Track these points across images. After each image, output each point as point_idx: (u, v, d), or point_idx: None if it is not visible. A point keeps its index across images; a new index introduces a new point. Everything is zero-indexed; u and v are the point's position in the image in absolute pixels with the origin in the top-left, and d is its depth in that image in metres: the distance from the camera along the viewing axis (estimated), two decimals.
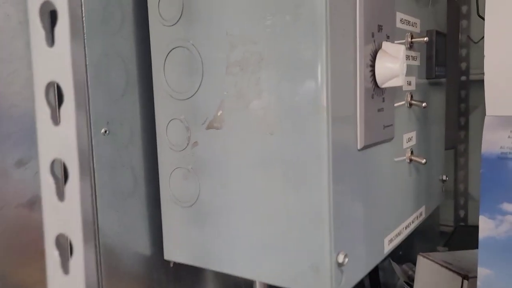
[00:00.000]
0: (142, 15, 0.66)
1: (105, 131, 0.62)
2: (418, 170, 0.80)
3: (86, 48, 0.59)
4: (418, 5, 0.77)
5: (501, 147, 0.71)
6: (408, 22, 0.73)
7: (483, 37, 0.69)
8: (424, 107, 0.74)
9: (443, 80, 0.91)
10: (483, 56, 0.72)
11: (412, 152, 0.76)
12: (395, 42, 0.66)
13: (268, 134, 0.57)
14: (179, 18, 0.62)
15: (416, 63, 0.77)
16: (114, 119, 0.63)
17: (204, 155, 0.63)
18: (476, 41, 1.50)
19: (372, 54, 0.59)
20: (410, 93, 0.75)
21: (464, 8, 1.39)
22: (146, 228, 0.69)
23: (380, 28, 0.61)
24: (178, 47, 0.62)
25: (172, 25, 0.63)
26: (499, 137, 0.71)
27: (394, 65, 0.59)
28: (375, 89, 0.61)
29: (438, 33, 0.83)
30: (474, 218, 1.43)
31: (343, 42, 0.54)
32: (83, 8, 0.59)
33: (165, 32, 0.63)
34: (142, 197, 0.68)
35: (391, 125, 0.66)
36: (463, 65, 1.40)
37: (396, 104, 0.71)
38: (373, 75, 0.60)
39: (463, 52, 1.41)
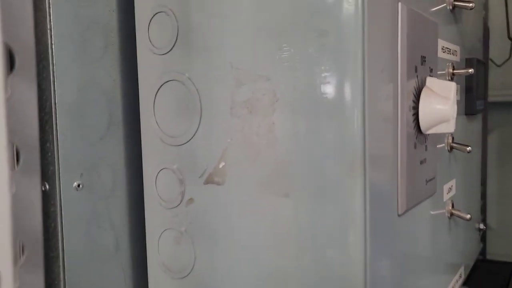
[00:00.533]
0: (130, 41, 0.54)
1: (78, 185, 0.49)
2: (457, 224, 0.67)
3: (55, 82, 0.47)
4: (458, 29, 0.65)
5: None
6: (449, 50, 0.61)
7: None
8: (469, 152, 0.61)
9: (480, 114, 0.79)
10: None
11: (453, 205, 0.63)
12: (437, 75, 0.54)
13: (282, 196, 0.44)
14: (173, 46, 0.50)
15: (457, 97, 0.65)
16: (90, 168, 0.51)
17: (201, 216, 0.50)
18: (499, 64, 1.39)
19: (415, 93, 0.47)
20: (451, 134, 0.62)
21: None
22: None
23: (423, 60, 0.49)
24: (172, 80, 0.50)
25: (164, 54, 0.50)
26: None
27: (443, 106, 0.47)
28: (418, 136, 0.48)
29: (478, 61, 0.70)
30: (493, 251, 1.32)
31: (383, 79, 0.42)
32: (52, 33, 0.47)
33: (156, 62, 0.51)
34: (124, 263, 0.55)
35: (434, 178, 0.54)
36: None
37: (438, 146, 0.59)
38: (416, 119, 0.47)
39: None
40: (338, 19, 0.39)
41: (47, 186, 0.48)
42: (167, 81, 0.51)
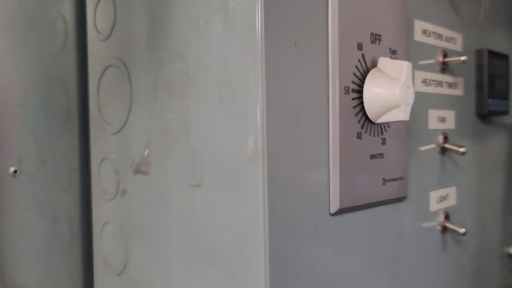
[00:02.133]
0: (82, 30, 0.53)
1: (15, 171, 0.49)
2: (462, 243, 0.57)
3: None
4: (461, 16, 0.56)
5: None
6: (439, 36, 0.52)
7: None
8: (462, 153, 0.52)
9: (507, 117, 0.67)
10: None
11: (447, 217, 0.54)
12: (404, 58, 0.46)
13: (194, 186, 0.39)
14: (112, 30, 0.48)
15: (456, 92, 0.56)
16: (31, 156, 0.50)
17: (132, 209, 0.47)
18: None
19: (359, 74, 0.40)
20: (444, 133, 0.53)
21: None
22: None
23: (376, 37, 0.42)
24: (111, 66, 0.48)
25: (106, 39, 0.49)
26: None
27: (389, 90, 0.39)
28: (366, 125, 0.41)
29: (493, 53, 0.60)
30: None
31: (296, 54, 0.36)
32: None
33: (100, 48, 0.50)
34: (73, 256, 0.53)
35: (401, 178, 0.46)
36: None
37: (422, 148, 0.51)
38: (361, 104, 0.41)
39: None
40: None
41: None
42: (108, 67, 0.49)
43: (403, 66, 0.40)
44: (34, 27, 0.51)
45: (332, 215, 0.39)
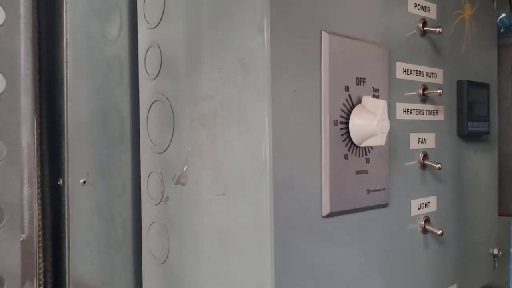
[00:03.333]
0: (134, 71, 0.68)
1: (84, 181, 0.63)
2: (443, 242, 0.68)
3: (68, 104, 0.62)
4: (442, 54, 0.68)
5: None
6: (420, 73, 0.64)
7: None
8: (439, 169, 0.64)
9: (490, 136, 0.78)
10: None
11: (427, 221, 0.65)
12: (386, 95, 0.59)
13: (220, 194, 0.53)
14: (159, 72, 0.62)
15: (437, 118, 0.68)
16: (96, 170, 0.65)
17: (174, 212, 0.60)
18: None
19: (346, 110, 0.53)
20: (423, 152, 0.65)
21: None
22: (130, 282, 0.68)
23: (360, 80, 0.55)
24: (157, 100, 0.62)
25: (153, 79, 0.63)
26: None
27: (368, 122, 0.52)
28: (352, 148, 0.54)
29: (472, 83, 0.72)
30: None
31: (295, 98, 0.49)
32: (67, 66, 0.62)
33: (149, 85, 0.64)
34: (126, 249, 0.68)
35: (383, 189, 0.58)
36: None
37: (404, 165, 0.63)
38: (348, 133, 0.53)
39: None
40: (252, 50, 0.48)
41: (61, 181, 0.63)
42: (155, 101, 0.63)
43: (379, 104, 0.52)
44: (97, 68, 0.65)
45: (324, 217, 0.52)
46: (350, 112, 0.53)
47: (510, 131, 0.84)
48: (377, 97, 0.57)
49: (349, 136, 0.53)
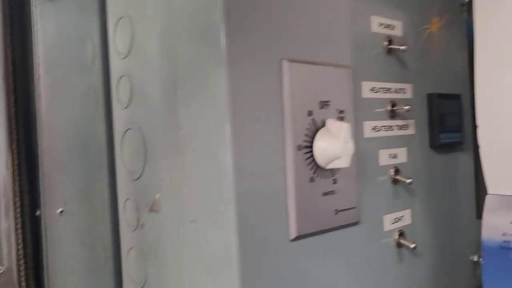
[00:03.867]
0: (108, 99, 0.69)
1: (61, 211, 0.64)
2: (419, 254, 0.69)
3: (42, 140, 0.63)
4: (410, 69, 0.69)
5: (503, 234, 0.59)
6: (387, 90, 0.66)
7: None
8: (409, 183, 0.65)
9: (464, 145, 0.79)
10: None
11: (402, 234, 0.66)
12: (350, 115, 0.60)
13: (192, 221, 0.54)
14: (130, 101, 0.63)
15: (408, 132, 0.69)
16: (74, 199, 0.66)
17: (149, 238, 0.62)
18: None
19: (310, 134, 0.54)
20: (395, 167, 0.66)
21: None
22: None
23: (324, 104, 0.56)
24: (130, 129, 0.64)
25: (126, 108, 0.64)
26: (501, 221, 0.60)
27: (331, 145, 0.53)
28: (318, 171, 0.55)
29: (442, 95, 0.73)
30: None
31: (258, 126, 0.50)
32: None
33: (121, 114, 0.65)
34: (107, 274, 0.69)
35: (353, 207, 0.59)
36: None
37: (375, 181, 0.64)
38: (313, 156, 0.54)
39: None
40: (215, 82, 0.49)
41: (38, 212, 0.64)
42: (128, 129, 0.64)
43: (342, 127, 0.54)
44: (72, 98, 0.66)
45: (291, 240, 0.53)
46: (315, 135, 0.55)
47: None
48: (342, 118, 0.58)
49: (314, 159, 0.54)
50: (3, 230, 0.61)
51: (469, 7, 0.81)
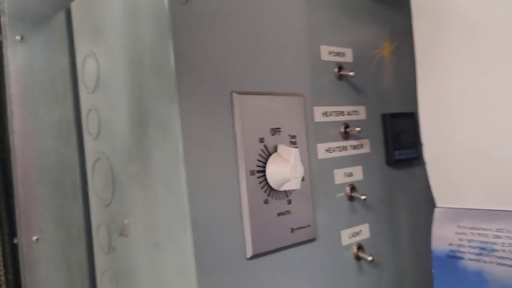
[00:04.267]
0: (79, 130, 0.73)
1: (37, 239, 0.68)
2: (379, 266, 0.74)
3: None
4: (362, 92, 0.74)
5: (449, 244, 0.64)
6: (340, 113, 0.70)
7: None
8: (364, 200, 0.69)
9: (420, 160, 0.83)
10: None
11: (360, 248, 0.71)
12: (303, 138, 0.64)
13: (155, 245, 0.58)
14: (98, 133, 0.68)
15: (363, 151, 0.73)
16: (48, 226, 0.70)
17: (120, 261, 0.66)
18: None
19: (263, 159, 0.59)
20: (350, 185, 0.70)
21: None
22: None
23: (275, 130, 0.60)
24: (99, 158, 0.68)
25: (95, 139, 0.69)
26: (447, 232, 0.64)
27: (281, 169, 0.57)
28: (272, 193, 0.59)
29: (396, 115, 0.78)
30: None
31: (211, 156, 0.54)
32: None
33: (91, 145, 0.70)
34: None
35: (308, 225, 0.63)
36: None
37: (331, 199, 0.68)
38: (266, 180, 0.59)
39: None
40: (168, 117, 0.54)
41: (16, 240, 0.68)
42: (97, 159, 0.68)
43: (291, 152, 0.58)
44: (45, 131, 0.71)
45: (248, 259, 0.57)
46: (267, 160, 0.59)
47: None
48: (294, 143, 0.62)
49: (267, 182, 0.59)
50: None
51: None
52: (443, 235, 0.65)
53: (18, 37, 0.68)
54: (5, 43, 0.67)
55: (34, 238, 0.68)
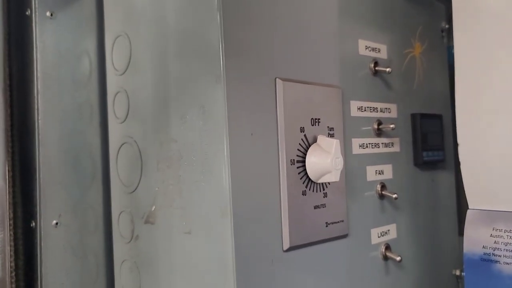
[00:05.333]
0: (104, 113, 0.71)
1: (56, 223, 0.65)
2: (404, 267, 0.72)
3: (40, 146, 0.65)
4: (395, 90, 0.73)
5: (483, 247, 0.62)
6: (374, 109, 0.69)
7: None
8: (395, 199, 0.68)
9: (446, 163, 0.83)
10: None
11: (388, 248, 0.69)
12: (341, 132, 0.63)
13: (186, 233, 0.56)
14: (126, 116, 0.65)
15: (393, 149, 0.72)
16: (68, 210, 0.67)
17: (144, 250, 0.63)
18: None
19: (303, 149, 0.57)
20: (381, 183, 0.69)
21: None
22: None
23: (315, 121, 0.59)
24: (125, 143, 0.65)
25: (122, 122, 0.66)
26: (481, 235, 0.62)
27: (322, 160, 0.56)
28: (310, 184, 0.57)
29: (425, 115, 0.77)
30: None
31: (253, 141, 0.53)
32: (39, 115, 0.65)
33: (117, 129, 0.67)
34: (99, 286, 0.69)
35: (342, 221, 0.61)
36: None
37: (363, 196, 0.67)
38: (305, 171, 0.57)
39: None
40: (211, 98, 0.52)
41: (33, 223, 0.65)
42: (123, 143, 0.66)
43: (332, 143, 0.56)
44: (68, 113, 0.68)
45: (285, 251, 0.55)
46: (307, 151, 0.57)
47: None
48: (332, 135, 0.60)
49: (306, 173, 0.57)
50: None
51: (449, 32, 0.86)
52: (477, 238, 0.63)
53: (48, 13, 0.66)
54: (34, 18, 0.65)
55: (54, 222, 0.65)
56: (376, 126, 0.69)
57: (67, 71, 0.68)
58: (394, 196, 0.67)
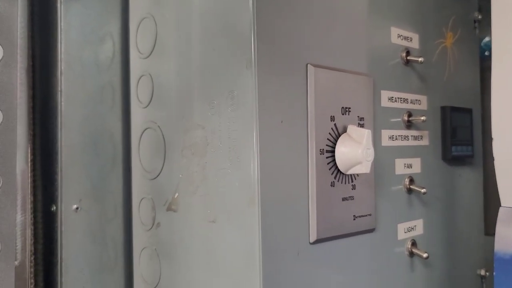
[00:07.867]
0: (126, 98, 0.69)
1: (77, 208, 0.64)
2: (430, 265, 0.70)
3: (62, 129, 0.63)
4: (425, 81, 0.70)
5: None
6: (404, 100, 0.66)
7: None
8: (424, 193, 0.65)
9: (474, 159, 0.80)
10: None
11: (414, 244, 0.67)
12: (370, 122, 0.61)
13: (211, 222, 0.54)
14: (150, 100, 0.64)
15: (422, 143, 0.70)
16: (89, 195, 0.66)
17: (165, 237, 0.62)
18: None
19: (332, 139, 0.55)
20: (409, 177, 0.67)
21: None
22: None
23: (346, 110, 0.57)
24: (149, 128, 0.64)
25: (145, 107, 0.65)
26: None
27: (353, 150, 0.54)
28: (339, 176, 0.56)
29: (455, 109, 0.74)
30: None
31: (282, 129, 0.51)
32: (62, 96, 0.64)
33: (140, 113, 0.66)
34: (118, 273, 0.68)
35: (369, 214, 0.60)
36: None
37: (391, 190, 0.64)
38: (334, 161, 0.55)
39: None
40: (241, 84, 0.50)
41: (54, 207, 0.64)
42: (146, 128, 0.64)
43: (364, 133, 0.54)
44: (90, 95, 0.67)
45: (311, 243, 0.53)
46: (336, 141, 0.55)
47: None
48: (362, 125, 0.58)
49: (335, 164, 0.55)
50: (18, 224, 0.61)
51: (481, 24, 0.83)
52: (509, 237, 0.61)
53: None
54: None
55: (74, 206, 0.64)
56: (406, 118, 0.66)
57: (90, 53, 0.67)
58: (423, 190, 0.65)
